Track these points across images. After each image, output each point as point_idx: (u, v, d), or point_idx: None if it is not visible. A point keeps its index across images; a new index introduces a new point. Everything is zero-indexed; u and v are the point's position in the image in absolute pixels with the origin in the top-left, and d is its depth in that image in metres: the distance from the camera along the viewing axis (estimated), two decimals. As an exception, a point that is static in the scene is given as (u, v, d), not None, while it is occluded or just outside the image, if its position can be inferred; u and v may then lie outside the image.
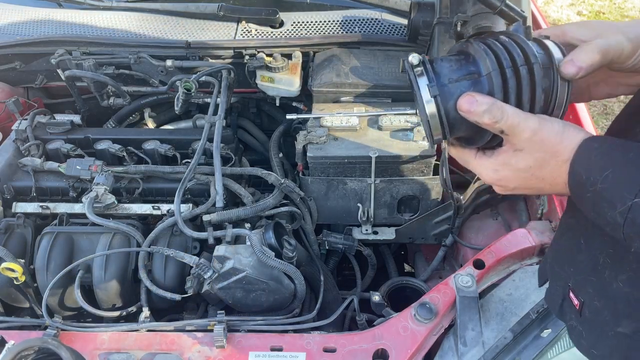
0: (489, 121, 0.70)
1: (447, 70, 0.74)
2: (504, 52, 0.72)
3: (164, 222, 1.41)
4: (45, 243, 1.37)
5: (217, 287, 1.29)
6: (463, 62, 0.74)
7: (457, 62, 0.75)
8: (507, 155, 0.73)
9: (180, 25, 1.92)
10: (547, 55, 0.72)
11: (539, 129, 0.69)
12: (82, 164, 1.51)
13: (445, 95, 0.72)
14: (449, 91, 0.73)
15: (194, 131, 1.84)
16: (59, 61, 1.76)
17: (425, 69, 0.73)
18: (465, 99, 0.71)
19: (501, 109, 0.69)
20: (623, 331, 0.74)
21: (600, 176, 0.64)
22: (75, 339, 1.22)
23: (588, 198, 0.66)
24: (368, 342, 1.18)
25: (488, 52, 0.72)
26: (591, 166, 0.66)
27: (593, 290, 0.78)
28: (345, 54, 1.76)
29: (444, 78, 0.73)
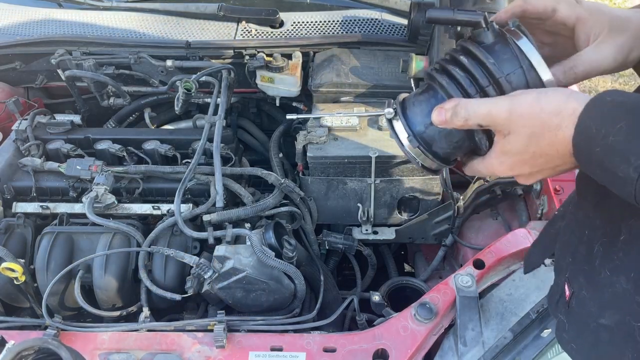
0: (460, 122, 0.70)
1: (420, 116, 0.75)
2: (466, 80, 0.72)
3: (164, 222, 1.41)
4: (45, 243, 1.37)
5: (217, 287, 1.29)
6: (432, 100, 0.75)
7: (427, 102, 0.75)
8: (501, 144, 0.71)
9: (180, 26, 1.92)
10: (513, 54, 0.70)
11: (512, 107, 0.67)
12: (82, 164, 1.51)
13: (426, 140, 0.75)
14: (428, 135, 0.75)
15: (194, 131, 1.84)
16: (59, 61, 1.76)
17: (401, 122, 0.76)
18: (435, 114, 0.72)
19: (465, 106, 0.69)
20: (605, 323, 0.73)
21: (613, 128, 0.60)
22: (75, 339, 1.22)
23: (597, 153, 0.62)
24: (368, 342, 1.18)
25: (451, 85, 0.73)
26: (603, 118, 0.62)
27: (584, 280, 0.78)
28: (345, 54, 1.76)
29: (419, 125, 0.75)
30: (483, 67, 0.71)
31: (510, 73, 0.70)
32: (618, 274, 0.71)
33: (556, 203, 1.41)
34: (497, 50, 0.71)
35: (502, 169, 0.74)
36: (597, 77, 4.32)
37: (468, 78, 0.71)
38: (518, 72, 0.70)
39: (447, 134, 0.74)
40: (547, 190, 1.46)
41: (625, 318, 0.71)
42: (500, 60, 0.70)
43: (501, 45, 0.71)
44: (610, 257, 0.72)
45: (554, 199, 1.42)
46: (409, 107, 0.76)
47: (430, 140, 0.75)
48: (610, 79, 4.35)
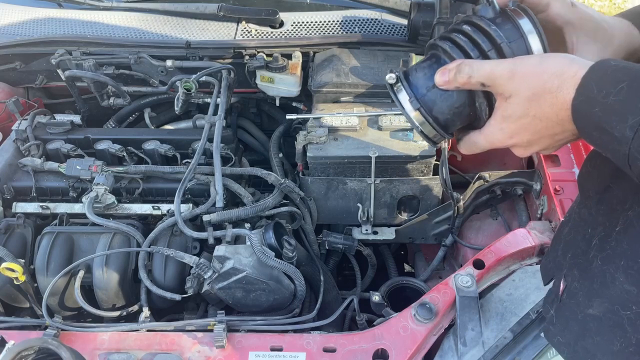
0: (463, 80, 0.71)
1: (422, 79, 0.77)
2: (469, 44, 0.73)
3: (164, 222, 1.41)
4: (45, 243, 1.37)
5: (217, 287, 1.29)
6: (435, 66, 0.76)
7: (430, 67, 0.77)
8: (502, 109, 0.72)
9: (180, 26, 1.92)
10: (514, 27, 0.73)
11: (515, 67, 0.68)
12: (82, 164, 1.51)
13: (428, 104, 0.76)
14: (429, 99, 0.76)
15: (194, 131, 1.84)
16: (59, 61, 1.76)
17: (403, 85, 0.77)
18: (438, 74, 0.73)
19: (469, 64, 0.71)
20: (593, 312, 0.74)
21: (614, 89, 0.61)
22: (75, 339, 1.22)
23: (595, 114, 0.63)
24: (368, 342, 1.18)
25: (454, 49, 0.74)
26: (605, 79, 0.63)
27: (577, 272, 0.78)
28: (345, 54, 1.76)
29: (421, 88, 0.76)
30: (485, 34, 0.73)
31: (512, 41, 0.72)
32: (608, 263, 0.71)
33: (556, 203, 1.41)
34: (499, 23, 0.73)
35: (502, 137, 0.74)
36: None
37: (470, 42, 0.73)
38: (519, 42, 0.72)
39: (448, 97, 0.75)
40: (547, 191, 1.46)
41: (614, 307, 0.71)
42: (502, 29, 0.73)
43: (503, 19, 0.74)
44: (604, 247, 0.73)
45: (554, 199, 1.42)
46: (411, 73, 0.78)
47: (432, 103, 0.76)
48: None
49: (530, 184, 1.56)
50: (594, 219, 0.78)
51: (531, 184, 1.56)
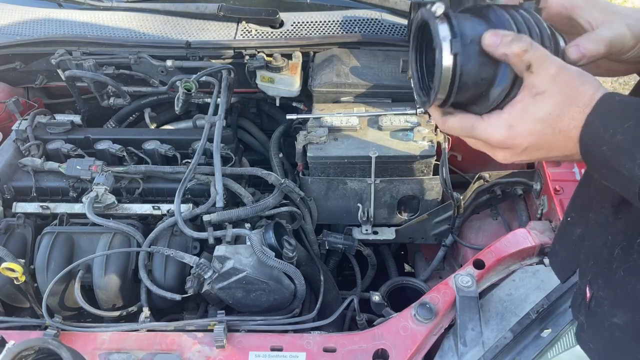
0: (519, 49, 0.65)
1: (470, 29, 0.68)
2: (523, 27, 0.69)
3: (164, 222, 1.41)
4: (45, 243, 1.37)
5: (217, 287, 1.29)
6: (484, 25, 0.69)
7: (479, 24, 0.69)
8: (526, 103, 0.67)
9: (180, 26, 1.92)
10: (554, 41, 0.70)
11: (563, 66, 0.66)
12: (82, 164, 1.51)
13: (464, 55, 0.67)
14: (468, 52, 0.67)
15: (194, 131, 1.84)
16: (59, 61, 1.76)
17: (450, 24, 0.68)
18: (490, 34, 0.66)
19: (529, 40, 0.66)
20: (617, 322, 0.73)
21: (621, 127, 0.60)
22: (75, 339, 1.22)
23: (603, 152, 0.62)
24: (368, 342, 1.18)
25: (510, 23, 0.69)
26: (612, 118, 0.62)
27: (602, 281, 0.77)
28: (345, 54, 1.76)
29: (465, 37, 0.68)
30: (540, 29, 0.69)
31: (558, 51, 0.70)
32: (630, 274, 0.71)
33: (556, 203, 1.41)
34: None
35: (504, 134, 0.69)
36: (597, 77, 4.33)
37: (535, 25, 0.69)
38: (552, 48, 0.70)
39: (484, 62, 0.68)
40: (547, 191, 1.46)
41: (635, 317, 0.71)
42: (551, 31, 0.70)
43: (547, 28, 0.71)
44: (627, 258, 0.72)
45: (554, 199, 1.42)
46: (457, 17, 0.69)
47: (467, 58, 0.68)
48: (610, 79, 4.35)
49: (531, 184, 1.56)
50: (613, 227, 0.77)
51: (531, 184, 1.56)
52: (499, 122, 0.69)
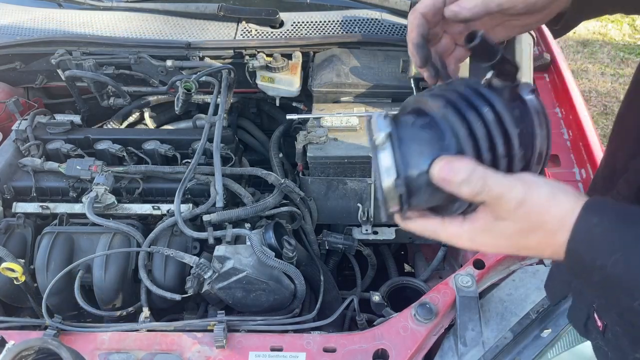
0: (469, 194, 0.59)
1: (417, 157, 0.62)
2: (485, 142, 0.61)
3: (164, 222, 1.41)
4: (45, 243, 1.37)
5: (217, 287, 1.29)
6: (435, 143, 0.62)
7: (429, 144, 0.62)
8: (486, 223, 0.62)
9: (180, 26, 1.92)
10: (531, 127, 0.63)
11: (525, 199, 0.59)
12: (82, 164, 1.51)
13: (411, 190, 0.62)
14: (416, 186, 0.62)
15: (194, 131, 1.84)
16: (59, 61, 1.76)
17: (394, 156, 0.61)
18: (440, 166, 0.60)
19: (483, 178, 0.58)
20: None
21: (608, 260, 0.55)
22: (75, 339, 1.22)
23: (595, 283, 0.58)
24: (368, 342, 1.18)
25: (468, 142, 0.61)
26: (595, 248, 0.56)
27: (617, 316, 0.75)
28: (345, 54, 1.76)
29: (413, 169, 0.61)
30: (504, 134, 0.61)
31: (526, 150, 0.63)
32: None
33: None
34: (516, 114, 0.62)
35: (468, 245, 0.66)
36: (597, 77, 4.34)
37: (488, 140, 0.61)
38: (529, 151, 0.63)
39: (435, 192, 0.62)
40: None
41: None
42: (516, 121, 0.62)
43: (520, 107, 0.63)
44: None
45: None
46: (404, 137, 0.62)
47: (416, 190, 0.62)
48: (610, 79, 4.35)
49: (531, 184, 1.56)
50: None
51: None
52: (460, 233, 0.65)
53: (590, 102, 4.09)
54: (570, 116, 1.63)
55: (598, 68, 4.49)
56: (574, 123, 1.60)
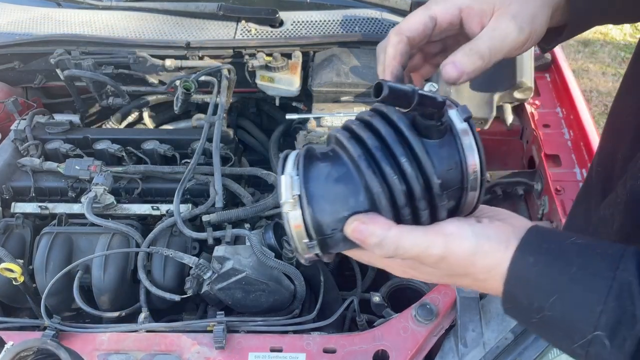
0: (383, 256, 0.58)
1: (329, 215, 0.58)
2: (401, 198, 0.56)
3: (163, 222, 1.41)
4: (44, 243, 1.37)
5: (216, 287, 1.29)
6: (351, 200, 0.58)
7: (342, 201, 0.58)
8: (414, 263, 0.61)
9: (179, 25, 1.91)
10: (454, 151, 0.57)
11: (445, 255, 0.57)
12: (81, 164, 1.51)
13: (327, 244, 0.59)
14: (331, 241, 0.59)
15: (193, 131, 1.83)
16: (58, 61, 1.76)
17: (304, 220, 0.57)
18: (352, 228, 0.57)
19: (395, 242, 0.56)
20: None
21: (546, 302, 0.54)
22: (74, 340, 1.21)
23: (534, 324, 0.57)
24: (368, 343, 1.18)
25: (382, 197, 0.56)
26: (531, 289, 0.55)
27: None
28: (345, 54, 1.76)
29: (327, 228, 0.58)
30: (425, 184, 0.56)
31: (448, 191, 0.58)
32: None
33: (557, 203, 1.40)
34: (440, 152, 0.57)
35: (402, 275, 0.65)
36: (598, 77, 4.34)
37: (406, 197, 0.56)
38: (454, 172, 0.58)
39: (352, 244, 0.59)
40: (549, 191, 1.46)
41: None
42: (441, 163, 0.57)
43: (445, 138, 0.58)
44: None
45: (555, 200, 1.41)
46: (316, 194, 0.57)
47: (332, 244, 0.59)
48: (611, 79, 4.35)
49: (532, 184, 1.56)
50: None
51: (532, 184, 1.55)
52: (392, 266, 0.64)
53: (591, 102, 4.08)
54: (571, 116, 1.62)
55: (599, 68, 4.48)
56: (574, 123, 1.60)
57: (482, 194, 0.61)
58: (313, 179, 0.58)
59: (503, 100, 1.59)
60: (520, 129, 1.71)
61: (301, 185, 0.57)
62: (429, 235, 0.57)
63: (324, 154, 0.60)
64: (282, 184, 0.57)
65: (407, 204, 0.57)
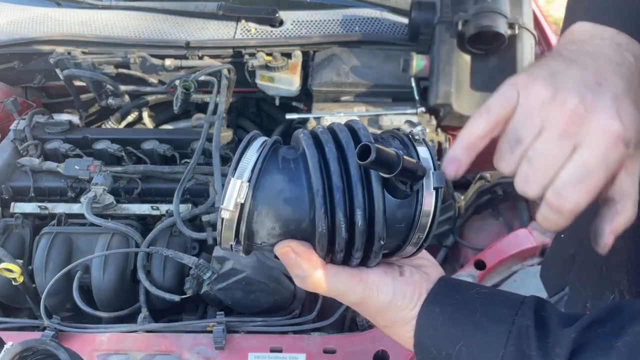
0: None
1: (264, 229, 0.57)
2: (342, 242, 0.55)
3: (163, 222, 1.40)
4: (43, 243, 1.36)
5: (216, 288, 1.28)
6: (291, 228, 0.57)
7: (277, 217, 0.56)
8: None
9: (179, 25, 1.91)
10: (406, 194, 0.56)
11: (361, 303, 0.61)
12: (80, 164, 1.50)
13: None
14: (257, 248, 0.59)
15: (193, 131, 1.83)
16: (57, 60, 1.75)
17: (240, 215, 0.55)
18: (281, 252, 0.58)
19: (316, 283, 0.58)
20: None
21: (453, 350, 0.57)
22: (73, 340, 1.21)
23: None
24: (368, 343, 1.18)
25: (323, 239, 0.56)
26: (439, 339, 0.58)
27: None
28: (345, 53, 1.76)
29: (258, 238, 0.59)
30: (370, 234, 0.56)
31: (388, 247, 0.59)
32: None
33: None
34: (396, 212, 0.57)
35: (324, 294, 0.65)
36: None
37: (346, 245, 0.57)
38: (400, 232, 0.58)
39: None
40: (549, 190, 1.46)
41: None
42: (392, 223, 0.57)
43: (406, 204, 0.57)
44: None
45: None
46: (259, 206, 0.55)
47: (256, 250, 0.61)
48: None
49: (532, 183, 1.55)
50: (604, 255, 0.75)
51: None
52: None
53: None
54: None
55: (598, 67, 4.48)
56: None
57: (420, 251, 0.62)
58: (263, 190, 0.55)
59: (503, 100, 1.59)
60: (521, 129, 1.70)
61: (248, 195, 0.54)
62: (351, 282, 0.59)
63: (285, 163, 0.57)
64: (229, 188, 0.54)
65: (344, 250, 0.57)
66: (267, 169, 0.56)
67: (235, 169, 0.55)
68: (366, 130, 0.57)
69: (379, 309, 0.61)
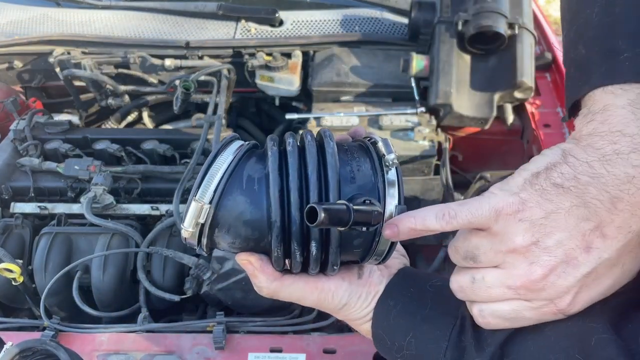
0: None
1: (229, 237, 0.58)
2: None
3: (163, 222, 1.40)
4: (43, 243, 1.36)
5: (216, 287, 1.28)
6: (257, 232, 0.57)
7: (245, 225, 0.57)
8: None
9: (179, 25, 1.91)
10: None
11: (317, 305, 0.64)
12: (80, 164, 1.50)
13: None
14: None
15: (192, 131, 1.83)
16: (57, 60, 1.75)
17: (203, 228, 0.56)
18: (243, 263, 0.60)
19: (274, 293, 0.61)
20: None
21: (404, 341, 0.60)
22: (73, 340, 1.21)
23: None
24: (368, 343, 1.17)
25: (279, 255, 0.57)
26: (392, 330, 0.61)
27: None
28: (345, 54, 1.76)
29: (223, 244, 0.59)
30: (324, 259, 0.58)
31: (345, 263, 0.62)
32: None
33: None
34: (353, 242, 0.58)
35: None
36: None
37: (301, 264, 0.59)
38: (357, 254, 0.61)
39: None
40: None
41: None
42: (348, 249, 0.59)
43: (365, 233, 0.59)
44: None
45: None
46: (224, 223, 0.56)
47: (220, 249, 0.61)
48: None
49: (532, 183, 1.55)
50: None
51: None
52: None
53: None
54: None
55: (598, 67, 4.47)
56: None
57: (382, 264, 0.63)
58: (224, 211, 0.55)
59: (503, 100, 1.59)
60: (521, 129, 1.70)
61: (209, 216, 0.55)
62: (306, 290, 0.62)
63: (249, 183, 0.56)
64: (189, 210, 0.54)
65: (300, 268, 0.59)
66: (229, 189, 0.55)
67: (198, 188, 0.55)
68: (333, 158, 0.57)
69: (335, 309, 0.64)
